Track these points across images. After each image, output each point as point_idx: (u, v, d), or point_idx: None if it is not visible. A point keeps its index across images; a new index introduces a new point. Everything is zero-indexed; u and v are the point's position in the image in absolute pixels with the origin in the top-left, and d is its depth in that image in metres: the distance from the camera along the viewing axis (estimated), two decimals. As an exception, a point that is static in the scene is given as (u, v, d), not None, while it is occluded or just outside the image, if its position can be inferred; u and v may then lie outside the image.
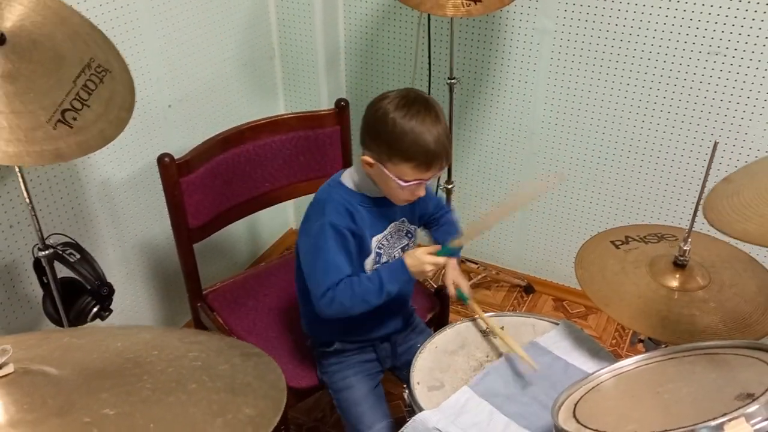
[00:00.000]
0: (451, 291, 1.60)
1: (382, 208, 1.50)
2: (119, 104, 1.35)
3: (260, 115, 1.97)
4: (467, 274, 2.66)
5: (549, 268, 2.62)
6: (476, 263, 2.66)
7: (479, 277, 2.65)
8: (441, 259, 1.45)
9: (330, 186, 1.52)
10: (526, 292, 2.63)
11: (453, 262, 1.62)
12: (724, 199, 1.00)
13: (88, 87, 1.31)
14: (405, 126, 1.35)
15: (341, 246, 1.44)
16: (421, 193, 1.42)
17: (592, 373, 1.18)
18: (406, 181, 1.38)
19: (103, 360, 0.74)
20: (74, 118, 1.27)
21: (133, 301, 2.15)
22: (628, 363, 1.19)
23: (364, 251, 1.49)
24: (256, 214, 1.99)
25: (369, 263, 1.51)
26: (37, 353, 0.78)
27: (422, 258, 1.42)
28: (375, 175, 1.44)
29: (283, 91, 2.61)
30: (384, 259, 1.53)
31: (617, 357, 2.38)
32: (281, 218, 2.84)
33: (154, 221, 2.13)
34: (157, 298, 2.24)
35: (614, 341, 2.43)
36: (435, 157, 1.36)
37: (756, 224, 0.95)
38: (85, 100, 1.30)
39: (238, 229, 2.54)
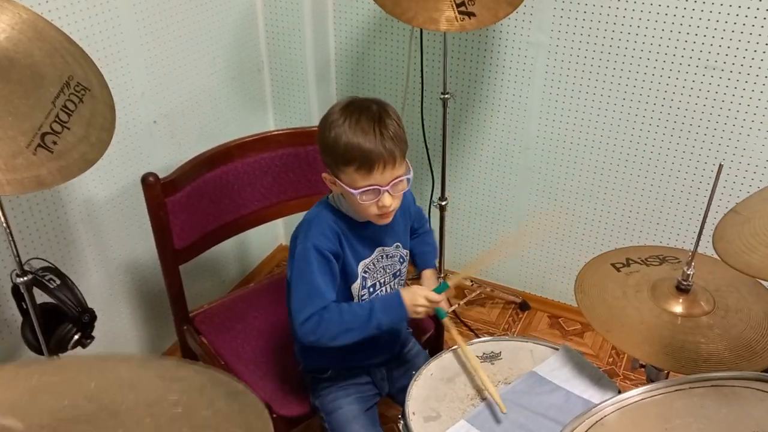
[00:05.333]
0: (442, 299, 1.46)
1: (370, 233, 1.45)
2: (100, 124, 1.30)
3: (249, 129, 1.92)
4: (461, 290, 2.61)
5: (544, 284, 2.57)
6: (471, 280, 2.61)
7: (474, 294, 2.60)
8: (436, 296, 1.39)
9: (319, 206, 1.48)
10: (521, 309, 2.59)
11: (429, 272, 1.58)
12: (734, 230, 0.96)
13: (67, 108, 1.25)
14: (340, 129, 1.31)
15: (325, 270, 1.38)
16: (387, 202, 1.34)
17: (595, 406, 1.13)
18: (357, 189, 1.32)
19: (74, 407, 0.68)
20: (54, 142, 1.21)
21: (117, 324, 2.08)
22: (632, 395, 1.13)
23: (350, 276, 1.44)
24: (244, 230, 1.94)
25: (356, 288, 1.45)
26: (3, 399, 0.72)
27: (417, 291, 1.37)
28: (342, 194, 1.39)
29: (272, 105, 2.56)
30: (370, 283, 1.47)
31: (614, 376, 2.34)
32: (271, 234, 2.78)
33: (139, 241, 2.07)
34: (142, 320, 2.17)
35: (611, 359, 2.39)
36: (373, 155, 1.29)
37: (762, 255, 0.90)
38: (65, 122, 1.24)
39: (226, 245, 2.46)
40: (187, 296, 1.84)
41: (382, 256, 1.48)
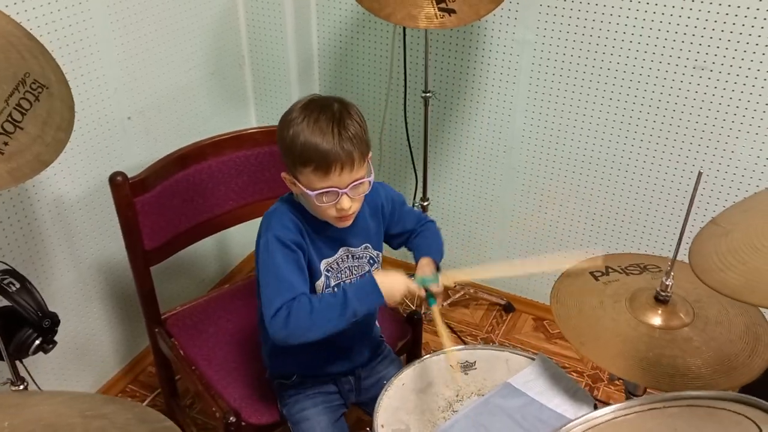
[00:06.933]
0: (421, 291, 1.39)
1: (332, 232, 1.39)
2: (57, 124, 1.24)
3: (231, 126, 1.86)
4: (445, 291, 2.56)
5: (529, 286, 2.53)
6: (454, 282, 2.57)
7: (458, 295, 2.56)
8: (416, 286, 1.34)
9: (280, 201, 1.43)
10: (505, 311, 2.54)
11: (427, 259, 1.48)
12: (711, 243, 0.91)
13: (21, 106, 1.20)
14: (297, 127, 1.26)
15: (290, 260, 1.33)
16: (345, 205, 1.29)
17: (564, 425, 1.08)
18: (315, 190, 1.27)
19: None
20: (6, 143, 1.15)
21: (89, 326, 2.03)
22: (602, 414, 1.08)
23: (314, 273, 1.39)
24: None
25: (319, 286, 1.40)
26: None
27: (397, 278, 1.31)
28: (302, 195, 1.34)
29: (254, 101, 2.50)
30: (333, 283, 1.42)
31: (598, 382, 2.30)
32: (251, 233, 2.69)
33: (111, 241, 2.01)
34: (116, 320, 2.12)
35: (595, 364, 2.34)
36: (331, 156, 1.24)
37: (738, 274, 0.85)
38: (19, 122, 1.18)
39: (205, 244, 2.41)
40: (166, 296, 1.80)
41: (347, 256, 1.43)
